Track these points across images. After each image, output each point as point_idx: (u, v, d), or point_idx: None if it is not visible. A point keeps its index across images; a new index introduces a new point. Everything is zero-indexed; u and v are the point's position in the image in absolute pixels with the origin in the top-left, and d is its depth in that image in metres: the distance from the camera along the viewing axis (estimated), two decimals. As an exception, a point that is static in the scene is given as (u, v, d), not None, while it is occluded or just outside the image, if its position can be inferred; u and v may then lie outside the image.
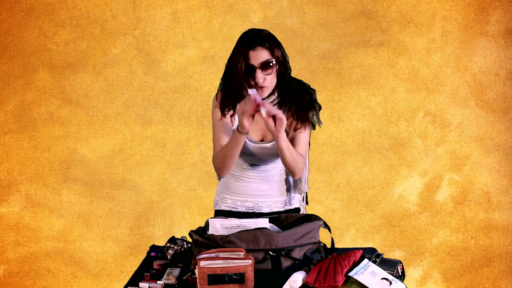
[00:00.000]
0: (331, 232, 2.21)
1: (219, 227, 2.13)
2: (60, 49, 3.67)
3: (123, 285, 2.02)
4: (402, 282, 1.92)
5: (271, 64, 2.23)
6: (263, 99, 2.29)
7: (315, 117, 2.36)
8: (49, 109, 3.69)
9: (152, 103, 3.68)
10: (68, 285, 3.74)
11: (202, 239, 2.05)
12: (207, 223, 2.18)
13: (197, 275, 1.89)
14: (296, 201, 2.56)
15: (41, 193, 3.71)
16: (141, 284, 1.99)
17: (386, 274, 1.90)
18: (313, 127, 2.40)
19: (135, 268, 2.28)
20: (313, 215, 2.22)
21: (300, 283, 1.93)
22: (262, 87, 2.25)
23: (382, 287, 1.86)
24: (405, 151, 3.69)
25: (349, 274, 1.91)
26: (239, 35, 2.32)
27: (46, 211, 3.72)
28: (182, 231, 3.64)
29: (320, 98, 2.46)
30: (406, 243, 3.72)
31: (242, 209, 2.47)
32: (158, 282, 1.99)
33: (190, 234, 2.13)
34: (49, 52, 3.66)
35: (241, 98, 2.29)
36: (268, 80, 2.25)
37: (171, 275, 2.04)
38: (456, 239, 3.72)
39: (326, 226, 2.18)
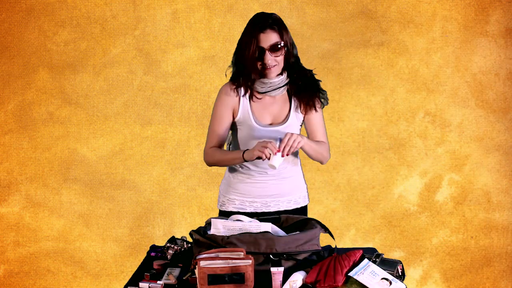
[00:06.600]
0: (334, 238, 2.21)
1: (221, 227, 2.12)
2: (60, 49, 3.67)
3: (123, 285, 2.02)
4: (402, 282, 1.92)
5: (279, 46, 2.31)
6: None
7: (322, 99, 2.44)
8: (49, 109, 3.69)
9: (152, 103, 3.68)
10: (68, 285, 3.74)
11: (203, 239, 2.04)
12: (207, 223, 2.18)
13: (197, 275, 1.89)
14: (304, 200, 2.56)
15: (41, 193, 3.71)
16: (141, 284, 1.99)
17: (386, 274, 1.90)
18: (323, 105, 2.47)
19: (135, 268, 2.28)
20: (313, 219, 2.22)
21: (300, 283, 1.93)
22: (270, 68, 2.32)
23: (382, 287, 1.86)
24: (405, 151, 3.69)
25: (349, 274, 1.91)
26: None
27: (46, 211, 3.72)
28: (182, 231, 3.64)
29: (320, 98, 2.47)
30: (406, 243, 3.72)
31: (250, 209, 2.47)
32: (158, 282, 1.99)
33: (190, 234, 2.12)
34: (49, 52, 3.66)
35: (250, 78, 2.35)
36: (276, 61, 2.32)
37: (171, 275, 2.04)
38: (456, 239, 3.72)
39: (327, 231, 2.18)
